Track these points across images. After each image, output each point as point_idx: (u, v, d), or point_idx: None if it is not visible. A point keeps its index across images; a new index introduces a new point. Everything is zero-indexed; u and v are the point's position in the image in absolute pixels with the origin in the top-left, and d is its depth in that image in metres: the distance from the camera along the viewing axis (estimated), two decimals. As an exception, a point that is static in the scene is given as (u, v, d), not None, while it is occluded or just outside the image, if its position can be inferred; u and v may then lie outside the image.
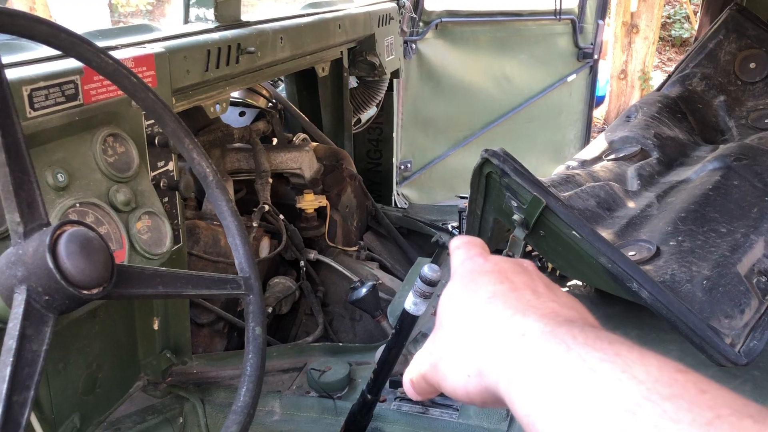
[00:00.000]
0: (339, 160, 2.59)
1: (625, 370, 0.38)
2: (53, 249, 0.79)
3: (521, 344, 0.43)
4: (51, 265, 0.78)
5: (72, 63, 1.21)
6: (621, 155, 2.02)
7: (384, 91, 2.89)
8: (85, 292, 0.81)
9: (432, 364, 0.50)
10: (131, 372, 1.60)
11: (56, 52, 1.16)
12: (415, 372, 0.53)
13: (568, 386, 0.39)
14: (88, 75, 1.24)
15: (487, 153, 1.51)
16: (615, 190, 1.78)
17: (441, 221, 2.63)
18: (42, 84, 1.15)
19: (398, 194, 3.29)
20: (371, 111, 2.99)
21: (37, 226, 0.83)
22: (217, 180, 1.15)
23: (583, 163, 2.03)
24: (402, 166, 3.58)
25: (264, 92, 2.62)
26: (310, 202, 2.35)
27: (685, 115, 2.25)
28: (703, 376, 0.38)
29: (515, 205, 1.52)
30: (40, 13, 6.74)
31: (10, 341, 0.74)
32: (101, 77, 1.23)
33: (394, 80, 3.01)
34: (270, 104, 2.63)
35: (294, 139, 2.61)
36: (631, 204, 1.77)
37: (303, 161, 2.38)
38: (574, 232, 1.42)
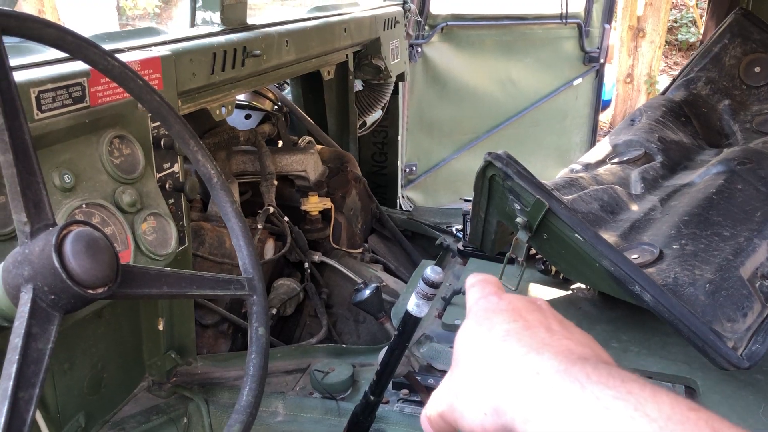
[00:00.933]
0: (344, 163, 2.60)
1: (638, 408, 0.39)
2: (59, 249, 0.80)
3: (536, 383, 0.44)
4: (57, 264, 0.79)
5: (79, 65, 1.23)
6: (625, 159, 2.02)
7: (389, 95, 2.91)
8: (90, 291, 0.82)
9: (449, 402, 0.51)
10: (136, 372, 1.61)
11: (63, 55, 1.17)
12: (432, 410, 0.53)
13: (583, 425, 0.40)
14: (94, 77, 1.25)
15: (490, 156, 1.52)
16: (618, 193, 1.78)
17: (445, 224, 2.64)
18: (49, 86, 1.16)
19: (403, 197, 3.29)
20: (376, 114, 3.00)
21: (43, 226, 0.84)
22: (222, 181, 1.16)
23: (587, 167, 2.04)
24: (407, 169, 3.59)
25: (269, 95, 2.63)
26: (314, 204, 2.36)
27: (689, 119, 2.26)
28: (715, 414, 0.39)
29: (518, 207, 1.52)
30: (49, 15, 6.78)
31: (16, 339, 0.75)
32: (108, 80, 1.24)
33: (400, 83, 3.02)
34: (275, 107, 2.65)
35: (299, 141, 2.62)
36: (634, 207, 1.77)
37: (308, 164, 2.39)
38: (576, 235, 1.42)
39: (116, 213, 1.25)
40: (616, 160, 2.04)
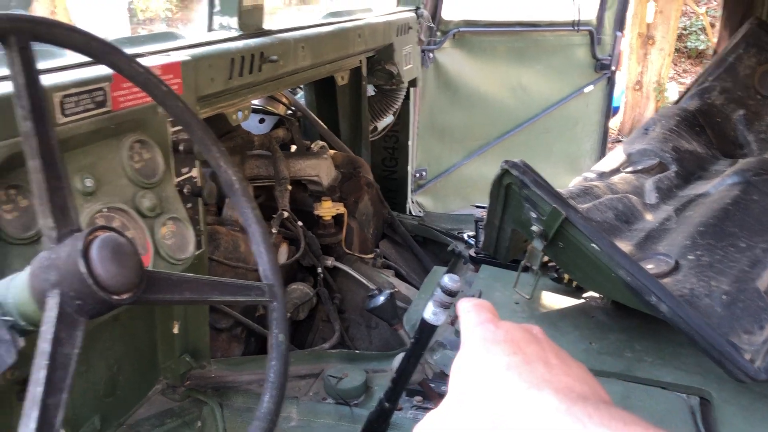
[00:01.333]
0: (356, 168, 2.61)
1: None
2: (86, 254, 0.80)
3: (537, 421, 0.43)
4: (83, 270, 0.79)
5: (101, 70, 1.23)
6: (639, 168, 2.02)
7: (401, 100, 2.91)
8: (116, 297, 0.82)
9: None
10: (151, 375, 1.61)
11: (84, 59, 1.17)
12: None
13: None
14: (116, 82, 1.26)
15: (507, 164, 1.52)
16: (633, 202, 1.78)
17: (457, 230, 2.64)
18: (73, 91, 1.17)
19: (413, 202, 3.30)
20: (388, 119, 3.00)
21: (69, 231, 0.84)
22: (243, 187, 1.16)
23: (601, 175, 2.04)
24: (417, 174, 3.59)
25: (284, 100, 2.64)
26: (327, 209, 2.36)
27: (703, 129, 2.25)
28: None
29: (534, 216, 1.52)
30: (61, 16, 6.82)
31: (44, 345, 0.75)
32: (129, 84, 1.25)
33: (411, 89, 3.02)
34: (289, 112, 2.65)
35: (312, 146, 2.63)
36: (649, 217, 1.77)
37: (321, 169, 2.39)
38: (593, 245, 1.42)
39: (136, 217, 1.26)
40: (630, 169, 2.04)
